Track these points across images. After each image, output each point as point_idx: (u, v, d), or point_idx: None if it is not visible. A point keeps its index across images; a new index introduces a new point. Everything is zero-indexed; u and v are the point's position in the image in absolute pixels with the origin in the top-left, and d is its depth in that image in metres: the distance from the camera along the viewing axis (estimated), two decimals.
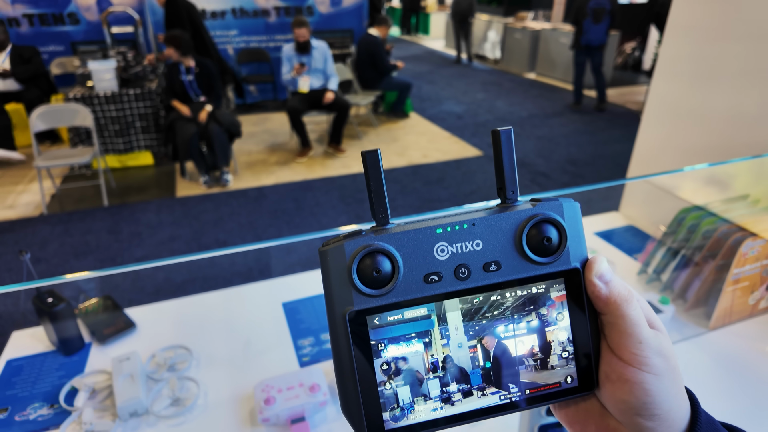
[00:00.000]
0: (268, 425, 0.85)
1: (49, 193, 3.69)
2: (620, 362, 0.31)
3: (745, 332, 1.08)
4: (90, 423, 0.84)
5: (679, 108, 1.34)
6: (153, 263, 0.83)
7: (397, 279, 0.30)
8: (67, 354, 1.02)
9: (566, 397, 0.32)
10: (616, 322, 0.31)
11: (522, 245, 0.31)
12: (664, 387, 0.30)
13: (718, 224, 1.09)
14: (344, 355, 0.30)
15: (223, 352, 1.03)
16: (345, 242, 0.30)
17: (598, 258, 0.32)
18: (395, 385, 0.30)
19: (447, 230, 0.31)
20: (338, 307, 0.30)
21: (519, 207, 0.32)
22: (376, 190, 0.30)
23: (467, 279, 0.31)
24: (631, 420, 0.30)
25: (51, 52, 5.09)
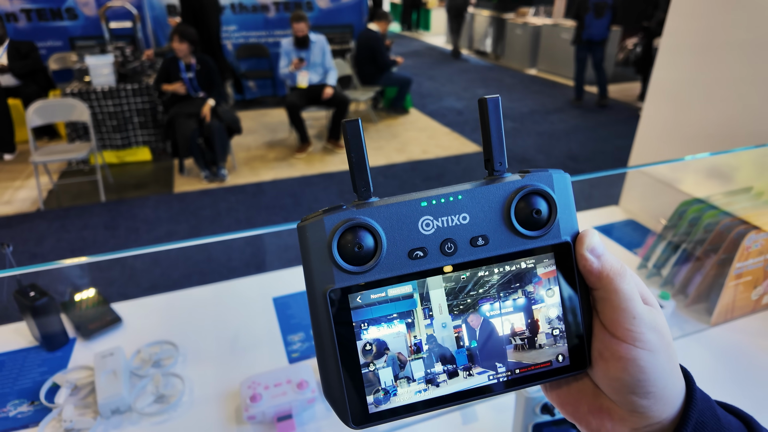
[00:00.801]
0: (253, 423, 0.82)
1: (46, 189, 3.67)
2: (614, 339, 0.30)
3: (748, 328, 1.05)
4: (70, 420, 0.81)
5: (681, 97, 1.30)
6: (134, 251, 0.80)
7: (380, 255, 0.29)
8: (50, 349, 0.99)
9: (558, 376, 0.31)
10: (609, 297, 0.30)
11: (510, 218, 0.30)
12: (659, 363, 0.29)
13: (720, 217, 1.05)
14: (325, 336, 0.29)
15: (211, 348, 1.00)
16: (324, 217, 0.28)
17: (589, 231, 0.31)
18: (378, 367, 0.29)
19: (432, 203, 0.29)
20: (318, 285, 0.28)
21: (507, 179, 0.30)
22: (358, 161, 0.29)
23: (454, 254, 0.30)
24: (625, 398, 0.29)
25: (49, 47, 5.07)
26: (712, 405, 0.31)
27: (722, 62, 1.19)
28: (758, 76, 1.12)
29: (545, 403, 0.71)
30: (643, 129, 1.44)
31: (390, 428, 0.82)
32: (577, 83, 5.78)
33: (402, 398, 0.30)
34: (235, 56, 5.57)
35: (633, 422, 0.30)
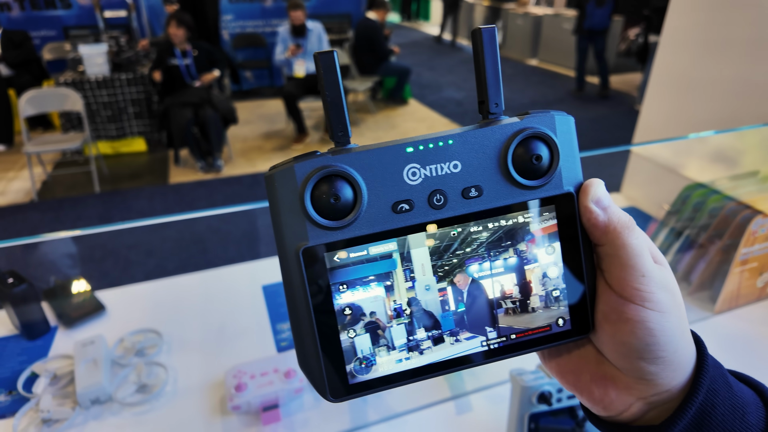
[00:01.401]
0: (238, 413, 0.79)
1: (39, 180, 3.63)
2: (620, 299, 0.27)
3: (753, 316, 1.01)
4: (47, 410, 0.78)
5: (685, 79, 1.26)
6: (116, 226, 0.77)
7: (359, 208, 0.25)
8: (30, 338, 0.96)
9: (558, 342, 0.29)
10: (616, 254, 0.27)
11: (507, 166, 0.27)
12: (669, 326, 0.26)
13: (725, 202, 1.02)
14: (299, 300, 0.26)
15: (197, 337, 0.97)
16: (296, 164, 0.25)
17: (594, 181, 0.28)
18: (358, 334, 0.26)
19: (419, 149, 0.26)
20: (290, 242, 0.25)
21: (504, 122, 0.27)
22: (334, 101, 0.25)
23: (443, 207, 0.26)
24: (632, 365, 0.27)
25: (43, 37, 5.00)
26: (724, 372, 0.29)
27: (725, 47, 1.15)
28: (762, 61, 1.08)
29: (542, 392, 0.68)
30: (646, 112, 1.40)
31: (381, 417, 0.78)
32: (578, 74, 5.71)
33: (386, 368, 0.27)
34: (232, 46, 5.51)
35: (640, 391, 0.28)
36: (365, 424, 0.78)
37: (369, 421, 0.78)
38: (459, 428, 0.77)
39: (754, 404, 0.28)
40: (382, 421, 0.78)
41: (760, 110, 1.09)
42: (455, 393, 0.83)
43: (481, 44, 0.26)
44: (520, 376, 0.69)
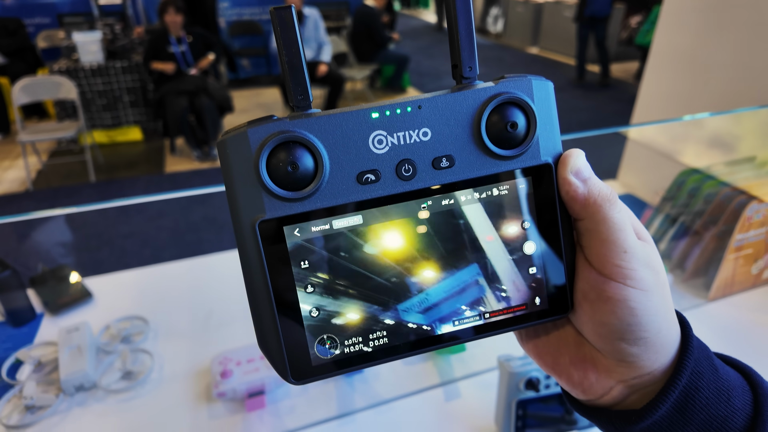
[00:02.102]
0: (224, 400, 0.78)
1: (35, 169, 3.60)
2: (601, 277, 0.26)
3: (747, 303, 1.00)
4: (31, 397, 0.77)
5: (683, 61, 1.24)
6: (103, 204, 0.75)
7: (321, 178, 0.23)
8: (15, 325, 0.95)
9: (535, 322, 0.27)
10: (597, 229, 0.25)
11: (480, 134, 0.25)
12: (652, 305, 0.25)
13: (720, 187, 1.00)
14: (256, 277, 0.24)
15: (184, 324, 0.96)
16: (249, 129, 0.23)
17: (574, 152, 0.27)
18: (322, 312, 0.25)
19: (386, 115, 0.24)
20: (245, 215, 0.23)
21: (478, 86, 0.25)
22: (292, 61, 0.23)
23: (412, 178, 0.25)
24: (612, 346, 0.26)
25: (37, 24, 4.95)
26: (709, 354, 0.28)
27: (723, 29, 1.12)
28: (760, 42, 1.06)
29: (530, 378, 0.67)
30: (643, 98, 1.38)
31: (368, 404, 0.78)
32: (578, 62, 5.66)
33: (351, 348, 0.26)
34: (228, 34, 5.44)
35: (621, 373, 0.27)
36: (352, 410, 0.77)
37: (356, 408, 0.77)
38: (447, 415, 0.76)
39: (740, 387, 0.27)
40: (370, 408, 0.77)
41: (758, 92, 1.06)
42: (444, 380, 0.82)
43: (454, 6, 0.24)
44: (508, 362, 0.68)
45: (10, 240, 1.69)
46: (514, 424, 0.69)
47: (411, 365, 0.85)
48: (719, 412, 0.26)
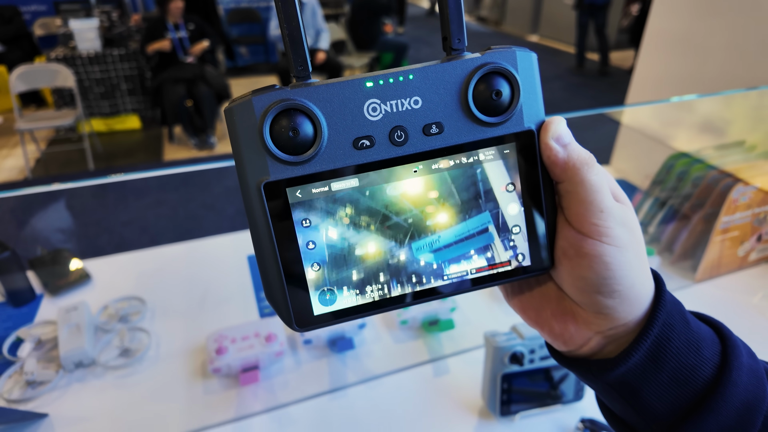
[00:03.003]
0: (219, 376, 0.81)
1: (33, 157, 3.61)
2: (579, 235, 0.27)
3: (733, 285, 1.02)
4: (32, 373, 0.79)
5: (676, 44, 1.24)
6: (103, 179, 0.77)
7: (320, 143, 0.25)
8: (15, 305, 0.97)
9: (519, 277, 0.29)
10: (575, 190, 0.27)
11: (468, 102, 0.26)
12: (626, 260, 0.27)
13: (708, 170, 1.01)
14: (263, 234, 0.26)
15: (180, 304, 0.98)
16: (253, 97, 0.25)
17: (555, 119, 0.28)
18: (322, 266, 0.27)
19: (379, 84, 0.26)
20: (251, 177, 0.25)
21: (466, 57, 0.26)
22: (292, 34, 0.25)
23: (404, 144, 0.26)
24: (590, 299, 0.28)
25: (33, 12, 4.91)
26: (682, 309, 0.29)
27: (716, 14, 1.13)
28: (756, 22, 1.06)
29: (514, 353, 0.69)
30: (636, 83, 1.38)
31: (359, 379, 0.80)
32: (578, 50, 5.63)
33: (350, 299, 0.28)
34: (227, 21, 5.41)
35: (598, 325, 0.28)
36: (344, 385, 0.79)
37: (348, 383, 0.80)
38: (436, 389, 0.79)
39: (710, 339, 0.29)
40: (361, 383, 0.80)
41: (749, 74, 1.07)
42: (433, 356, 0.84)
43: None
44: (494, 337, 0.70)
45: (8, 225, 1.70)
46: (499, 398, 0.71)
47: (401, 343, 0.87)
48: (689, 361, 0.28)
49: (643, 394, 0.28)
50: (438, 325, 0.88)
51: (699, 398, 0.28)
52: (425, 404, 0.77)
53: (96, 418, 0.76)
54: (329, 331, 0.84)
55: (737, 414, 0.27)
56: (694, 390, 0.28)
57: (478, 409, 0.75)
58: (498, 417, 0.73)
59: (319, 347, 0.86)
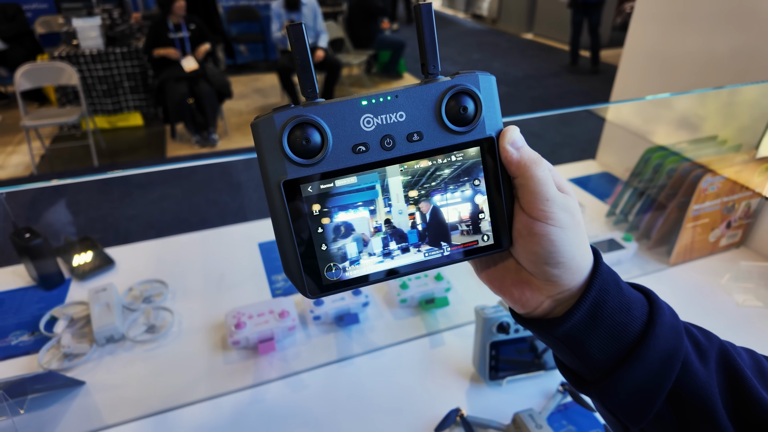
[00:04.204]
0: (238, 348, 0.89)
1: (38, 154, 3.68)
2: (530, 219, 0.33)
3: (704, 268, 1.11)
4: (68, 346, 0.88)
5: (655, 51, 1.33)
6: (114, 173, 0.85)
7: (326, 149, 0.31)
8: (47, 288, 1.05)
9: (484, 253, 0.36)
10: (527, 184, 0.33)
11: (441, 115, 0.33)
12: (567, 238, 0.33)
13: (681, 162, 1.11)
14: (282, 221, 0.32)
15: (199, 286, 1.06)
16: (275, 114, 0.31)
17: (511, 127, 0.35)
18: (329, 246, 0.33)
19: (372, 102, 0.32)
20: (273, 176, 0.31)
21: (439, 80, 0.33)
22: (303, 64, 0.31)
23: (392, 149, 0.33)
24: (540, 269, 0.34)
25: (34, 10, 4.96)
26: (616, 278, 0.36)
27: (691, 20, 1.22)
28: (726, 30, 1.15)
29: (501, 322, 0.78)
30: (620, 83, 1.47)
31: (364, 350, 0.89)
32: (572, 47, 5.71)
33: (353, 272, 0.34)
34: (226, 19, 5.47)
35: (548, 290, 0.35)
36: (350, 355, 0.88)
37: (354, 353, 0.89)
38: (432, 359, 0.88)
39: (639, 302, 0.35)
40: (365, 353, 0.89)
41: (722, 79, 1.16)
42: (430, 330, 0.93)
43: (420, 17, 0.32)
44: (483, 310, 0.79)
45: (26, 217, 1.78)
46: (488, 364, 0.81)
47: (401, 319, 0.96)
48: (621, 319, 0.34)
49: (585, 346, 0.34)
50: (434, 302, 0.97)
51: (630, 349, 0.34)
52: (423, 372, 0.86)
53: (128, 385, 0.84)
54: (336, 308, 0.93)
55: (660, 360, 0.33)
56: (626, 342, 0.34)
57: (470, 375, 0.84)
58: (487, 381, 0.82)
59: (327, 323, 0.95)
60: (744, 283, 1.04)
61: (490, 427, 0.75)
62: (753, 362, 0.37)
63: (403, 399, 0.80)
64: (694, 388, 0.33)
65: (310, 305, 0.94)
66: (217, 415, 0.79)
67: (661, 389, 0.33)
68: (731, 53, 1.14)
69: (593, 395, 0.36)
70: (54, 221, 1.77)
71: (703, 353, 0.35)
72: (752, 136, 1.14)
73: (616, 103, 1.47)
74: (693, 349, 0.35)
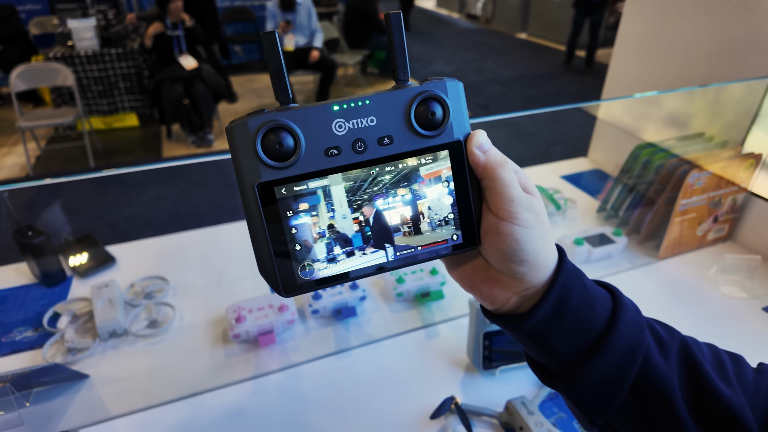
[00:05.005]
0: (239, 341, 0.92)
1: (34, 155, 3.68)
2: (496, 218, 0.35)
3: (692, 261, 1.14)
4: (72, 341, 0.90)
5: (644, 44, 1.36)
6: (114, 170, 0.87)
7: (299, 153, 0.32)
8: (49, 285, 1.07)
9: (454, 252, 0.37)
10: (493, 185, 0.35)
11: (411, 120, 0.34)
12: (532, 237, 0.34)
13: (669, 159, 1.14)
14: (256, 223, 0.33)
15: (199, 282, 1.08)
16: (249, 119, 0.31)
17: (478, 131, 0.36)
18: (303, 246, 0.34)
19: (343, 107, 0.33)
20: (248, 179, 0.32)
21: (409, 86, 0.34)
22: (276, 70, 0.32)
23: (364, 152, 0.33)
24: (506, 266, 0.35)
25: (28, 11, 4.95)
26: (581, 275, 0.37)
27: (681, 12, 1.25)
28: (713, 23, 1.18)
29: None
30: (611, 78, 1.50)
31: (361, 342, 0.91)
32: (569, 47, 5.75)
33: (325, 271, 0.34)
34: (221, 20, 5.47)
35: (515, 287, 0.36)
36: (348, 347, 0.91)
37: (351, 346, 0.91)
38: (428, 350, 0.90)
39: (603, 299, 0.36)
40: (363, 346, 0.91)
41: (710, 76, 1.19)
42: (425, 323, 0.96)
43: (390, 26, 0.33)
44: (476, 302, 0.82)
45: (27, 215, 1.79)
46: (482, 354, 0.83)
47: (397, 312, 0.99)
48: (585, 315, 0.35)
49: (551, 341, 0.35)
50: (429, 296, 0.99)
51: (594, 343, 0.35)
52: (419, 362, 0.88)
53: (132, 378, 0.86)
54: (334, 302, 0.96)
55: (622, 355, 0.34)
56: (590, 337, 0.35)
57: (465, 365, 0.87)
58: (481, 371, 0.85)
59: (326, 316, 0.98)
60: (730, 275, 1.07)
61: (484, 414, 0.77)
62: (713, 357, 0.39)
63: (400, 389, 0.83)
64: (655, 381, 0.35)
65: (309, 299, 0.96)
66: (219, 405, 0.81)
67: (624, 382, 0.35)
68: (718, 51, 1.17)
69: (560, 389, 0.37)
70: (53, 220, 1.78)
71: (664, 348, 0.36)
72: (738, 133, 1.18)
73: (605, 101, 1.50)
74: (655, 344, 0.36)
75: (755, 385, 0.38)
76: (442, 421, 0.77)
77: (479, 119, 0.93)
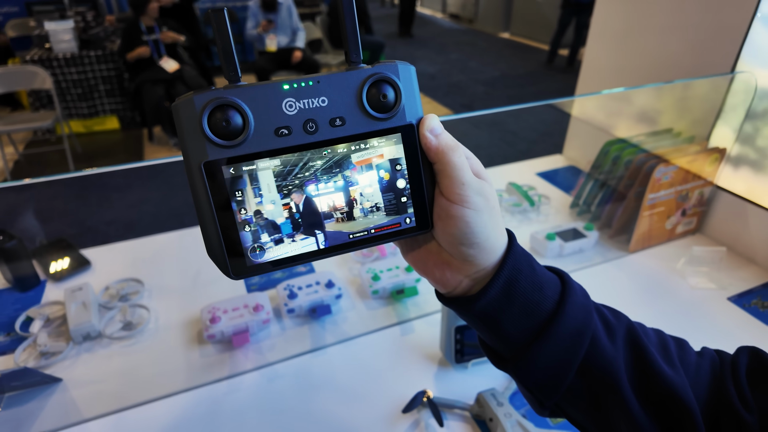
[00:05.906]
0: (213, 342, 0.92)
1: (11, 159, 3.62)
2: (447, 202, 0.35)
3: (662, 254, 1.17)
4: (45, 345, 0.89)
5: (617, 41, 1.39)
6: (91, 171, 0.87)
7: (248, 131, 0.31)
8: (22, 290, 1.06)
9: (406, 235, 0.37)
10: (444, 169, 0.35)
11: (363, 102, 0.34)
12: (482, 220, 0.35)
13: (637, 154, 1.16)
14: (203, 204, 0.32)
15: (175, 284, 1.08)
16: (194, 96, 0.31)
17: (430, 115, 0.36)
18: (252, 228, 0.33)
19: (294, 87, 0.32)
20: (194, 158, 0.31)
21: (361, 68, 0.34)
22: (225, 48, 0.31)
23: (315, 133, 0.33)
24: (457, 249, 0.36)
25: (5, 13, 4.86)
26: (530, 259, 0.38)
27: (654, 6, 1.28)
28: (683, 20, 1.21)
29: None
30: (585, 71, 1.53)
31: (337, 340, 0.92)
32: (552, 46, 5.81)
33: (275, 252, 0.34)
34: (203, 22, 5.43)
35: (466, 270, 0.37)
36: (324, 345, 0.92)
37: (327, 343, 0.92)
38: (403, 346, 0.92)
39: (552, 283, 0.37)
40: (338, 343, 0.92)
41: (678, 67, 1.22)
42: (400, 319, 0.97)
43: (342, 8, 0.33)
44: None
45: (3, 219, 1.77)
46: (454, 348, 0.85)
47: (373, 309, 1.00)
48: (534, 298, 0.36)
49: (500, 323, 0.36)
50: (404, 293, 1.01)
51: (542, 326, 0.36)
52: (394, 358, 0.89)
53: (106, 380, 0.86)
54: (310, 300, 0.97)
55: (570, 337, 0.35)
56: (538, 320, 0.36)
57: (438, 360, 0.88)
58: (454, 365, 0.86)
59: (302, 315, 0.98)
60: (697, 267, 1.10)
61: (455, 407, 0.79)
62: (658, 340, 0.41)
63: (374, 384, 0.84)
64: (602, 363, 0.36)
65: (285, 299, 0.97)
66: (193, 405, 0.81)
67: (572, 364, 0.36)
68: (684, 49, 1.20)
69: (511, 372, 0.38)
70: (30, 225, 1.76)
71: (611, 331, 0.38)
72: (704, 128, 1.21)
73: (574, 97, 1.54)
74: (602, 327, 0.38)
75: (697, 367, 0.40)
76: (414, 414, 0.78)
77: (456, 116, 0.94)
